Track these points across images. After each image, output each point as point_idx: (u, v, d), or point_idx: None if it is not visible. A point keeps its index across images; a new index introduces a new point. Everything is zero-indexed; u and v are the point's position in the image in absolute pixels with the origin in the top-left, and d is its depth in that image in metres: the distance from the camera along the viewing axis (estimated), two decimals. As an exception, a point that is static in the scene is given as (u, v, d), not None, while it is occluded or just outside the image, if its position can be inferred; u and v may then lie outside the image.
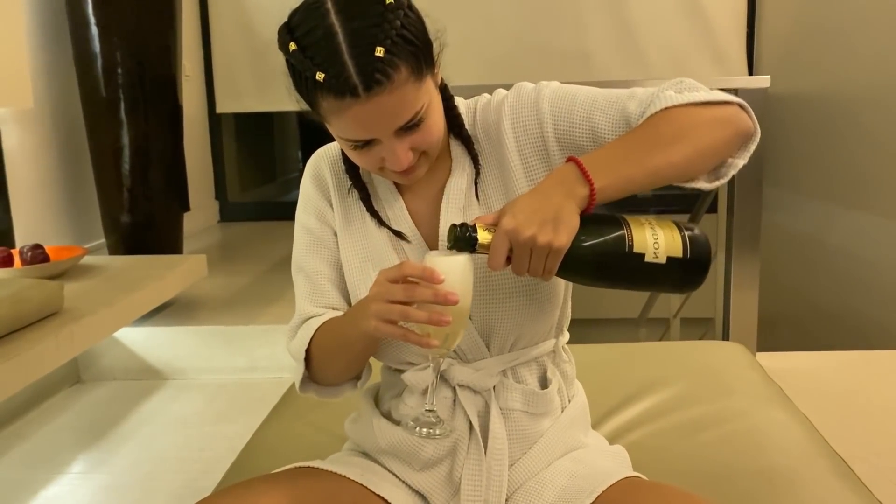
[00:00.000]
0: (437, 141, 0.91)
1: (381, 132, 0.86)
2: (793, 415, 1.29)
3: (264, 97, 4.29)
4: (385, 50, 0.80)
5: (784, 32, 3.88)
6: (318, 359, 0.98)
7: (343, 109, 0.83)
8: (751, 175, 2.30)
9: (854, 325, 3.02)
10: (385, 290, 0.82)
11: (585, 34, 4.06)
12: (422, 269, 0.81)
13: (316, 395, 1.03)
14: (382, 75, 0.81)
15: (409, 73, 0.83)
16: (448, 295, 0.80)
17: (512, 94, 0.98)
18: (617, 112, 0.91)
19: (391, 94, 0.82)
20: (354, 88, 0.81)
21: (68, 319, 1.78)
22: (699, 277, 0.87)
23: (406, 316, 0.80)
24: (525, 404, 0.99)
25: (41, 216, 2.85)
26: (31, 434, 2.22)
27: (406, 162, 0.89)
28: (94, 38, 2.69)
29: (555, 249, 0.80)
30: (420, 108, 0.86)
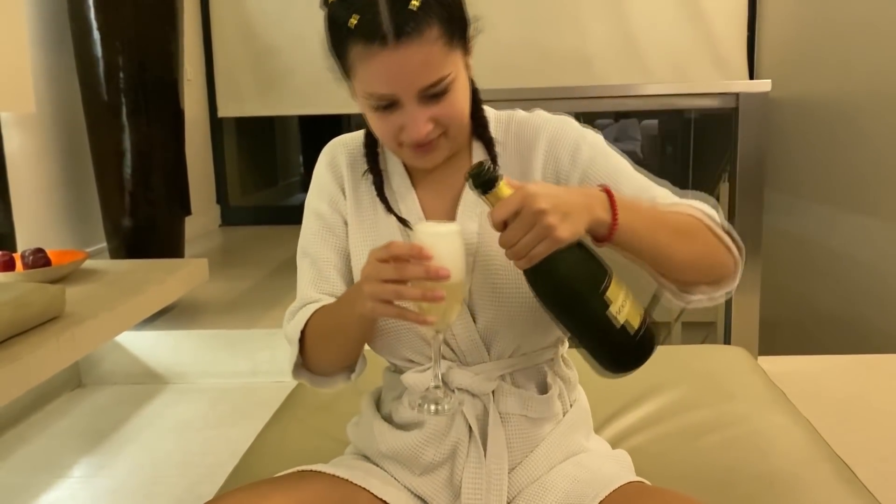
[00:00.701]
0: (459, 120, 0.92)
1: (404, 89, 0.86)
2: (795, 419, 1.29)
3: (266, 101, 4.30)
4: (420, 3, 0.83)
5: (785, 37, 3.89)
6: (313, 343, 0.98)
7: (371, 56, 0.84)
8: (752, 179, 2.30)
9: (856, 329, 3.02)
10: (377, 270, 0.81)
11: (586, 39, 4.07)
12: (409, 248, 0.80)
13: (308, 382, 1.02)
14: (414, 26, 0.82)
15: (440, 35, 0.85)
16: (439, 270, 0.79)
17: (556, 123, 1.00)
18: (641, 190, 0.96)
19: (419, 48, 0.84)
20: (385, 35, 0.82)
21: (70, 323, 1.78)
22: (633, 359, 0.89)
23: (399, 295, 0.80)
24: (524, 408, 0.99)
25: (43, 220, 2.85)
26: (32, 438, 2.22)
27: (424, 132, 0.88)
28: (96, 42, 2.70)
29: (553, 237, 0.79)
30: (446, 76, 0.87)
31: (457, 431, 0.98)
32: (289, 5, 4.15)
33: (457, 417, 0.98)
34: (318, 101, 4.20)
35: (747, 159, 2.29)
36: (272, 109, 4.35)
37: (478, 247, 0.96)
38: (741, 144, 2.28)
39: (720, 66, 4.10)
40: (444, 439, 0.98)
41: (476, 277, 0.96)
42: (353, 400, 1.16)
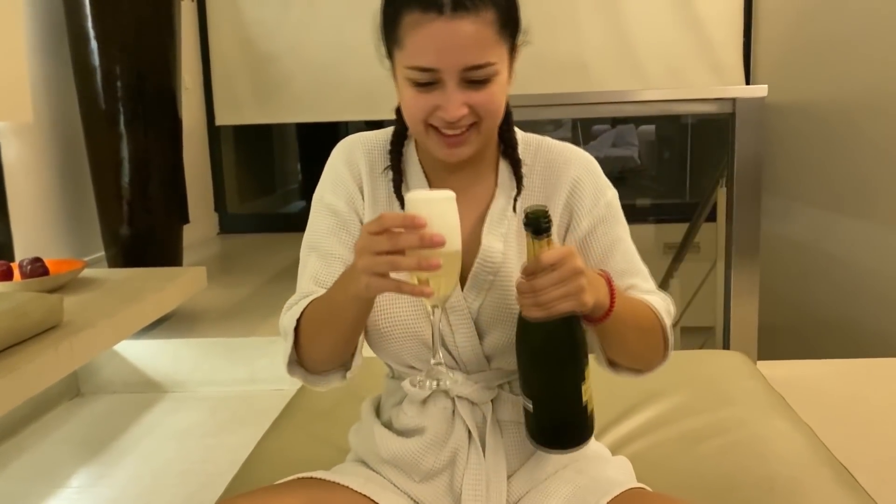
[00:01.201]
0: (494, 115, 0.92)
1: (449, 63, 0.86)
2: (794, 423, 1.29)
3: (263, 109, 4.30)
4: None
5: (781, 42, 3.90)
6: (308, 333, 0.95)
7: (424, 24, 0.85)
8: (750, 184, 2.30)
9: (855, 332, 3.02)
10: (369, 243, 0.78)
11: (583, 45, 4.08)
12: (402, 217, 0.78)
13: (303, 380, 0.99)
14: (472, 2, 0.84)
15: (495, 21, 0.86)
16: (433, 237, 0.76)
17: (587, 162, 1.03)
18: (627, 265, 1.01)
19: (472, 25, 0.84)
20: (442, 5, 0.84)
21: (68, 333, 1.78)
22: (578, 438, 0.91)
23: (395, 265, 0.77)
24: (520, 415, 0.99)
25: (41, 229, 2.85)
26: (30, 448, 2.22)
27: (459, 114, 0.88)
28: (94, 51, 2.70)
29: (580, 298, 0.82)
30: (492, 63, 0.87)
31: (456, 438, 0.98)
32: (286, 14, 4.16)
33: (456, 425, 0.99)
34: (316, 109, 4.21)
35: (744, 164, 2.29)
36: (270, 117, 4.35)
37: (499, 266, 0.96)
38: (738, 149, 2.28)
39: (717, 71, 4.11)
40: (444, 446, 0.98)
41: (491, 296, 0.97)
42: (354, 407, 1.16)
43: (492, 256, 0.96)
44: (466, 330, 0.97)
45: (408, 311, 0.97)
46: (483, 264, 0.96)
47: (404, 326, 0.97)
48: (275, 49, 4.19)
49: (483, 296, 0.97)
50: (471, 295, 0.97)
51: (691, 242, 3.29)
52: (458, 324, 0.97)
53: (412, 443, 0.99)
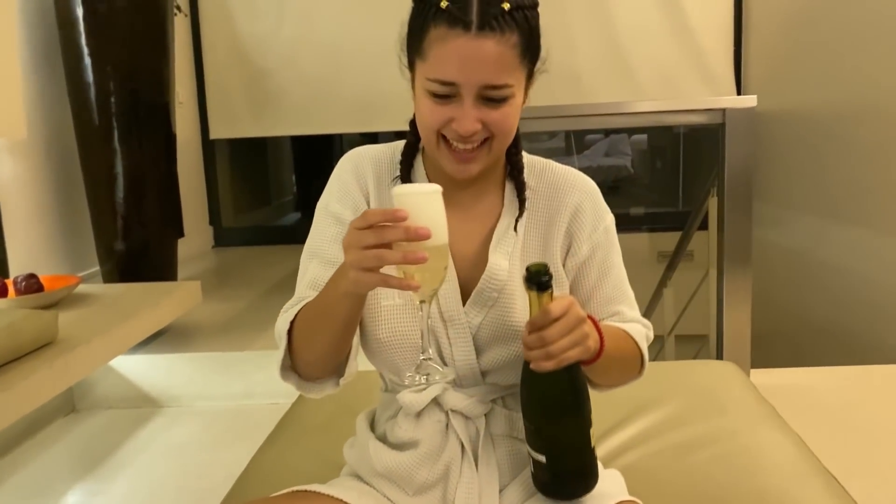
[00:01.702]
0: (505, 135, 0.94)
1: (469, 79, 0.88)
2: (785, 434, 1.30)
3: (257, 122, 4.32)
4: (511, 7, 0.87)
5: (771, 51, 3.93)
6: (301, 335, 0.95)
7: (449, 39, 0.87)
8: (741, 192, 2.32)
9: (848, 339, 3.04)
10: (356, 238, 0.79)
11: (576, 56, 4.11)
12: (385, 212, 0.79)
13: (296, 386, 0.99)
14: (498, 23, 0.86)
15: (517, 45, 0.89)
16: (418, 230, 0.77)
17: (591, 187, 1.05)
18: (616, 292, 1.05)
19: (496, 45, 0.87)
20: (469, 22, 0.86)
21: (63, 349, 1.78)
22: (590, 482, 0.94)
23: (380, 259, 0.77)
24: (513, 430, 1.01)
25: (35, 245, 2.85)
26: (26, 465, 2.21)
27: (471, 128, 0.90)
28: (87, 67, 2.72)
29: (587, 346, 0.86)
30: (510, 85, 0.90)
31: (450, 452, 0.99)
32: (279, 28, 4.18)
33: (450, 438, 1.00)
34: (310, 122, 4.23)
35: (735, 173, 2.31)
36: (264, 130, 4.37)
37: (504, 284, 0.98)
38: (729, 159, 2.30)
39: (708, 80, 4.14)
40: (438, 459, 0.99)
41: (493, 313, 0.99)
42: (348, 421, 1.16)
43: (497, 274, 0.98)
44: (464, 345, 0.99)
45: (407, 322, 0.98)
46: (489, 281, 0.98)
47: (403, 337, 0.98)
48: (269, 63, 4.21)
49: (485, 312, 0.99)
50: (473, 310, 0.99)
51: (684, 251, 3.30)
52: (456, 338, 0.99)
53: (406, 456, 0.99)
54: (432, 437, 0.99)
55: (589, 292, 1.05)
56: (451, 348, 0.99)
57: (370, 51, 3.84)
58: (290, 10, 4.17)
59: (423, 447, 0.99)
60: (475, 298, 0.99)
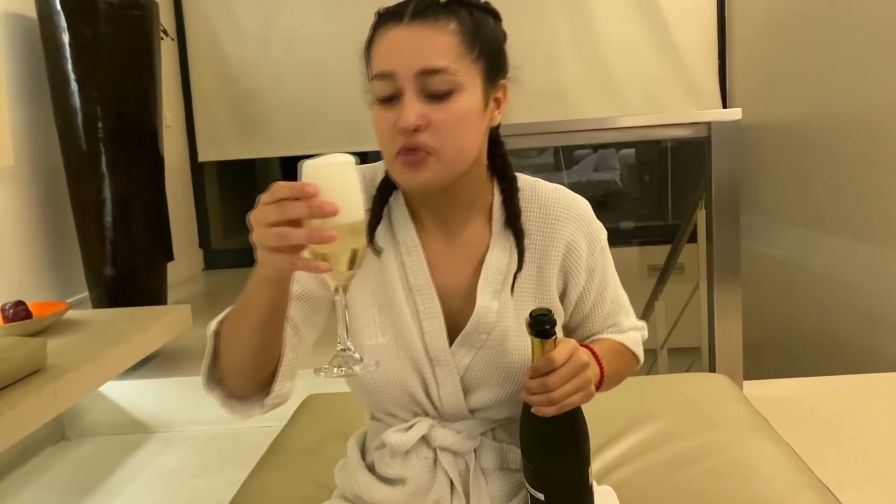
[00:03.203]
0: (455, 139, 0.87)
1: (404, 65, 0.85)
2: (778, 446, 1.30)
3: (245, 145, 4.32)
4: (448, 1, 0.87)
5: (755, 64, 3.97)
6: (225, 337, 0.88)
7: (384, 34, 0.87)
8: (728, 205, 2.33)
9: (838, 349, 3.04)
10: (260, 214, 0.72)
11: (561, 72, 4.14)
12: (291, 186, 0.71)
13: (220, 403, 0.92)
14: (432, 12, 0.86)
15: (458, 32, 0.86)
16: (324, 205, 0.70)
17: (584, 207, 1.00)
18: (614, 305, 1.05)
19: (430, 29, 0.85)
20: (402, 14, 0.86)
21: (52, 376, 1.77)
22: None
23: (283, 237, 0.70)
24: (504, 461, 1.00)
25: (23, 272, 2.84)
26: (15, 495, 2.18)
27: (413, 120, 0.84)
28: (74, 92, 2.71)
29: (590, 390, 0.86)
30: (452, 72, 0.85)
31: (438, 489, 0.97)
32: (266, 50, 4.20)
33: (438, 475, 0.97)
34: (298, 143, 4.23)
35: (722, 186, 2.33)
36: (252, 152, 4.37)
37: (494, 326, 0.95)
38: (715, 172, 2.32)
39: (693, 94, 4.17)
40: (427, 496, 0.97)
41: (482, 354, 0.95)
42: (339, 445, 1.16)
43: (487, 317, 0.94)
44: (451, 385, 0.96)
45: (394, 362, 0.95)
46: (478, 324, 0.94)
47: (388, 378, 0.95)
48: (255, 85, 4.22)
49: (474, 353, 0.95)
50: (461, 351, 0.95)
51: (674, 264, 3.31)
52: (443, 378, 0.96)
53: (395, 492, 0.97)
54: (420, 474, 0.97)
55: (587, 312, 1.04)
56: (438, 388, 0.96)
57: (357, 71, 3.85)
58: (276, 32, 4.19)
59: (410, 485, 0.97)
60: (463, 339, 0.95)
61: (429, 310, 0.95)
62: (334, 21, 4.08)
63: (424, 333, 0.95)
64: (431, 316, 0.95)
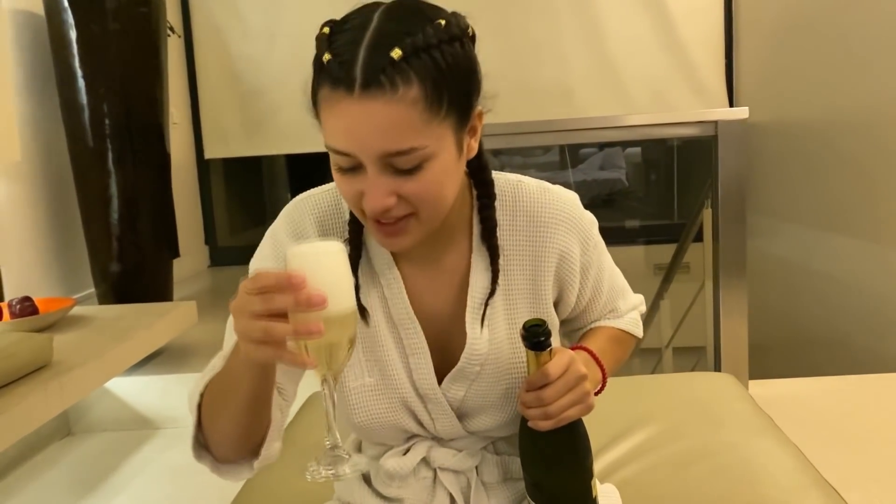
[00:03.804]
0: (433, 203, 0.79)
1: (363, 149, 0.74)
2: (783, 445, 1.30)
3: (252, 142, 4.33)
4: (403, 55, 0.71)
5: (762, 63, 3.95)
6: (207, 410, 0.84)
7: (334, 103, 0.74)
8: (734, 204, 2.32)
9: (845, 349, 3.03)
10: (243, 303, 0.67)
11: (567, 71, 4.13)
12: (277, 276, 0.66)
13: (211, 469, 0.88)
14: (386, 78, 0.71)
15: (421, 98, 0.73)
16: (311, 298, 0.65)
17: (571, 208, 0.93)
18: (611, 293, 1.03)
19: (386, 106, 0.72)
20: (351, 81, 0.72)
21: (58, 372, 1.77)
22: None
23: (268, 332, 0.65)
24: (506, 473, 0.98)
25: (30, 268, 2.85)
26: (20, 490, 2.19)
27: (381, 206, 0.76)
28: (81, 89, 2.72)
29: (588, 403, 0.83)
30: (419, 148, 0.74)
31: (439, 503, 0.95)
32: (271, 48, 4.20)
33: (438, 491, 0.95)
34: (304, 140, 4.24)
35: (728, 185, 2.32)
36: (258, 149, 4.38)
37: (486, 356, 0.90)
38: (722, 171, 2.31)
39: (699, 93, 4.16)
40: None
41: (476, 386, 0.91)
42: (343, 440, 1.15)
43: (479, 348, 0.90)
44: (446, 418, 0.93)
45: (383, 402, 0.92)
46: (470, 357, 0.90)
47: (381, 418, 0.92)
48: (261, 82, 4.23)
49: (468, 386, 0.91)
50: (454, 387, 0.91)
51: (680, 263, 3.31)
52: (437, 413, 0.92)
53: None
54: (418, 493, 0.94)
55: (585, 307, 1.02)
56: (434, 422, 0.93)
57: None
58: (281, 29, 4.19)
59: (409, 502, 0.95)
60: (456, 375, 0.90)
61: (414, 345, 0.90)
62: (340, 18, 4.08)
63: (412, 370, 0.91)
64: (417, 351, 0.90)
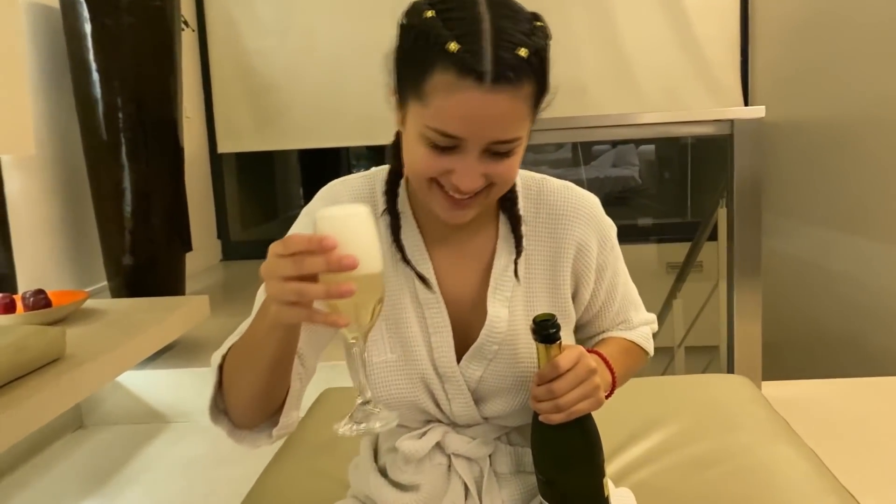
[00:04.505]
0: (509, 183, 0.86)
1: (477, 136, 0.79)
2: (799, 449, 1.28)
3: (264, 136, 4.33)
4: (529, 54, 0.77)
5: (778, 61, 3.92)
6: (231, 370, 0.86)
7: (458, 90, 0.76)
8: (750, 203, 2.30)
9: (860, 350, 3.01)
10: (275, 267, 0.69)
11: (581, 68, 4.11)
12: (308, 239, 0.68)
13: (227, 433, 0.90)
14: (514, 75, 0.76)
15: (531, 95, 0.80)
16: (342, 260, 0.67)
17: (593, 206, 0.97)
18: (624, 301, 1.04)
19: (510, 100, 0.77)
20: (483, 73, 0.75)
21: (70, 365, 1.78)
22: None
23: (301, 293, 0.67)
24: (520, 465, 0.98)
25: (44, 261, 2.86)
26: (33, 482, 2.21)
27: (474, 186, 0.82)
28: (95, 83, 2.73)
29: (598, 397, 0.84)
30: (519, 137, 0.81)
31: (452, 495, 0.96)
32: (285, 43, 4.20)
33: (452, 481, 0.96)
34: (316, 135, 4.24)
35: (744, 184, 2.30)
36: (271, 144, 4.38)
37: (504, 336, 0.92)
38: (737, 170, 2.29)
39: (715, 91, 4.13)
40: (440, 501, 0.96)
41: (494, 366, 0.93)
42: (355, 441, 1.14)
43: (498, 326, 0.92)
44: (462, 399, 0.94)
45: (403, 379, 0.93)
46: (489, 335, 0.92)
47: (400, 397, 0.93)
48: (274, 77, 4.23)
49: (485, 366, 0.93)
50: (472, 365, 0.93)
51: (693, 262, 3.29)
52: (454, 393, 0.94)
53: (407, 497, 0.96)
54: (433, 481, 0.95)
55: (598, 310, 1.03)
56: (450, 403, 0.94)
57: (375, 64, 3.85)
58: (294, 25, 4.19)
59: (424, 491, 0.95)
60: (474, 352, 0.93)
61: (437, 324, 0.93)
62: (353, 14, 4.07)
63: (433, 349, 0.93)
64: (440, 330, 0.93)
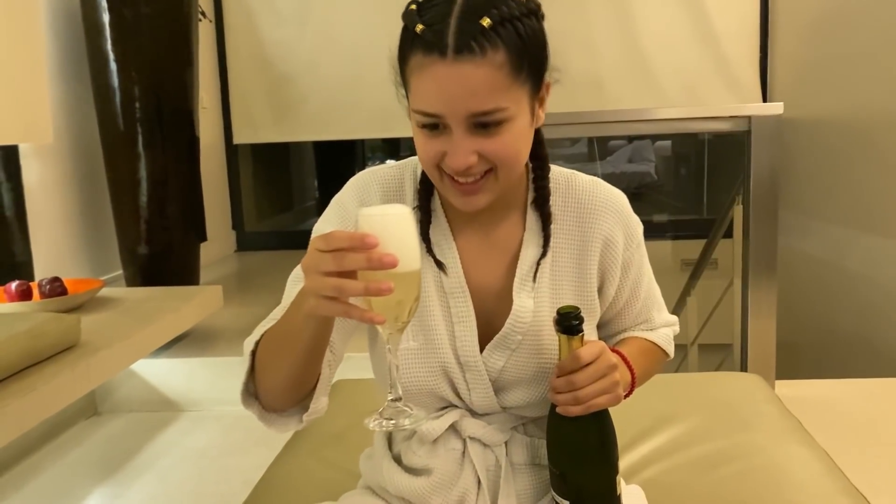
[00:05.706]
0: (510, 161, 0.85)
1: (452, 110, 0.80)
2: (812, 450, 1.27)
3: (280, 128, 4.34)
4: (491, 23, 0.78)
5: (797, 58, 3.88)
6: (264, 357, 0.87)
7: (426, 67, 0.79)
8: (766, 201, 2.28)
9: (875, 350, 2.98)
10: (316, 262, 0.71)
11: (599, 62, 4.08)
12: (350, 236, 0.70)
13: (258, 417, 0.92)
14: (476, 44, 0.77)
15: (506, 62, 0.79)
16: (383, 258, 0.69)
17: (622, 201, 0.98)
18: (647, 301, 1.04)
19: (477, 69, 0.78)
20: (445, 47, 0.78)
21: (85, 353, 1.79)
22: None
23: (340, 290, 0.69)
24: (534, 457, 0.98)
25: (60, 249, 2.88)
26: (47, 467, 2.23)
27: (465, 163, 0.82)
28: (113, 73, 2.74)
29: (617, 393, 0.85)
30: (502, 108, 0.81)
31: (465, 481, 0.96)
32: (302, 34, 4.20)
33: (465, 467, 0.96)
34: (332, 127, 4.25)
35: (761, 181, 2.28)
36: (286, 136, 4.39)
37: (529, 326, 0.93)
38: (754, 167, 2.27)
39: (733, 87, 4.09)
40: (453, 488, 0.96)
41: (516, 356, 0.93)
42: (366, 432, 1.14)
43: (523, 317, 0.92)
44: (483, 389, 0.94)
45: (423, 368, 0.94)
46: (514, 325, 0.92)
47: (419, 384, 0.94)
48: (291, 68, 4.23)
49: (507, 356, 0.93)
50: (495, 355, 0.93)
51: (709, 259, 3.26)
52: (475, 382, 0.94)
53: (420, 482, 0.96)
54: (446, 465, 0.96)
55: (621, 307, 1.03)
56: (469, 392, 0.95)
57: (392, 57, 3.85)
58: (312, 16, 4.19)
59: (436, 475, 0.95)
60: (498, 342, 0.93)
61: (461, 313, 0.93)
62: (370, 6, 4.07)
63: (456, 338, 0.93)
64: (464, 319, 0.93)
